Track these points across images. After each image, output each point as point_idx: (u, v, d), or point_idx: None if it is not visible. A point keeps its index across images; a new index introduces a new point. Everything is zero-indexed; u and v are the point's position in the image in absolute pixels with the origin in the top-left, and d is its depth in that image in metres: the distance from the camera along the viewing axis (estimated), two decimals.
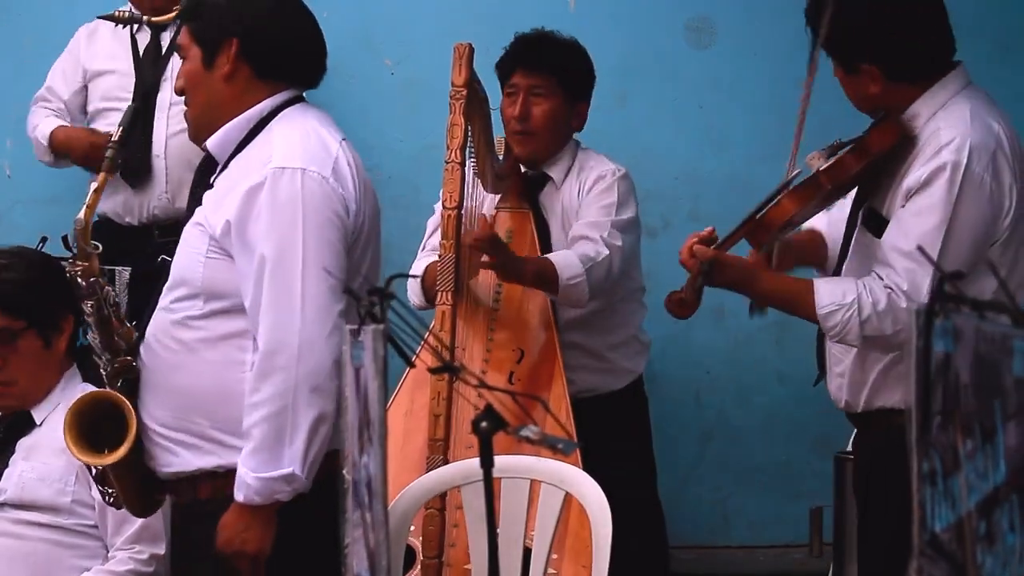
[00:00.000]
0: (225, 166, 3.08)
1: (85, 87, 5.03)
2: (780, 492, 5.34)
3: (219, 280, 2.97)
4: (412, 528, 3.52)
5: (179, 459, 3.03)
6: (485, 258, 3.98)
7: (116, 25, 4.93)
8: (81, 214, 2.99)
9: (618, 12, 5.36)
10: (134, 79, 4.91)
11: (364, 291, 2.05)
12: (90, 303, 2.99)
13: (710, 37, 5.37)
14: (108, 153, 3.01)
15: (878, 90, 3.23)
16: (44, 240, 4.49)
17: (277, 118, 3.08)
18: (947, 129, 3.16)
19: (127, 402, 3.00)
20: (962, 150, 3.11)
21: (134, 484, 3.11)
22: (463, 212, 4.01)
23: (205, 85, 3.07)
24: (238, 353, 2.99)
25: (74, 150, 4.88)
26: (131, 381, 3.03)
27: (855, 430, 3.58)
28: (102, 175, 3.02)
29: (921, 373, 1.72)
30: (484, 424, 1.97)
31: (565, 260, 4.10)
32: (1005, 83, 5.25)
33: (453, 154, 3.96)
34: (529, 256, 4.17)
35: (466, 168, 4.04)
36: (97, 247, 3.01)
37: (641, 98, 5.36)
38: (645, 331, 4.51)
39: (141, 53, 4.96)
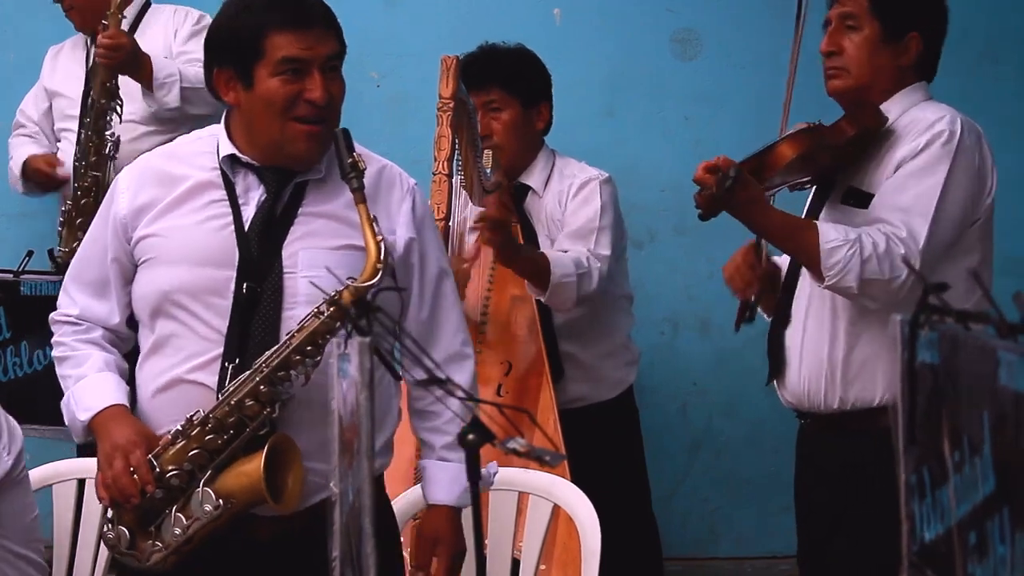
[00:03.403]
0: (299, 188, 2.99)
1: (51, 107, 5.03)
2: (767, 504, 5.34)
3: (386, 302, 2.66)
4: (400, 539, 3.52)
5: (323, 490, 2.81)
6: (486, 234, 3.99)
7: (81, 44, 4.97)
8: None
9: (604, 25, 5.37)
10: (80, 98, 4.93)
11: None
12: (319, 343, 2.80)
13: (696, 49, 5.38)
14: None
15: (909, 62, 3.26)
16: (30, 254, 4.47)
17: None
18: (932, 112, 3.22)
19: (294, 442, 2.85)
20: (955, 123, 3.18)
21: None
22: (450, 224, 4.03)
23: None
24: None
25: (33, 181, 4.91)
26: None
27: (801, 432, 3.53)
28: None
29: (907, 385, 1.72)
30: (471, 437, 1.97)
31: (559, 259, 4.14)
32: (990, 89, 5.29)
33: (440, 166, 3.97)
34: (526, 245, 4.19)
35: (454, 180, 4.04)
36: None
37: (628, 111, 5.37)
38: (634, 342, 4.51)
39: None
